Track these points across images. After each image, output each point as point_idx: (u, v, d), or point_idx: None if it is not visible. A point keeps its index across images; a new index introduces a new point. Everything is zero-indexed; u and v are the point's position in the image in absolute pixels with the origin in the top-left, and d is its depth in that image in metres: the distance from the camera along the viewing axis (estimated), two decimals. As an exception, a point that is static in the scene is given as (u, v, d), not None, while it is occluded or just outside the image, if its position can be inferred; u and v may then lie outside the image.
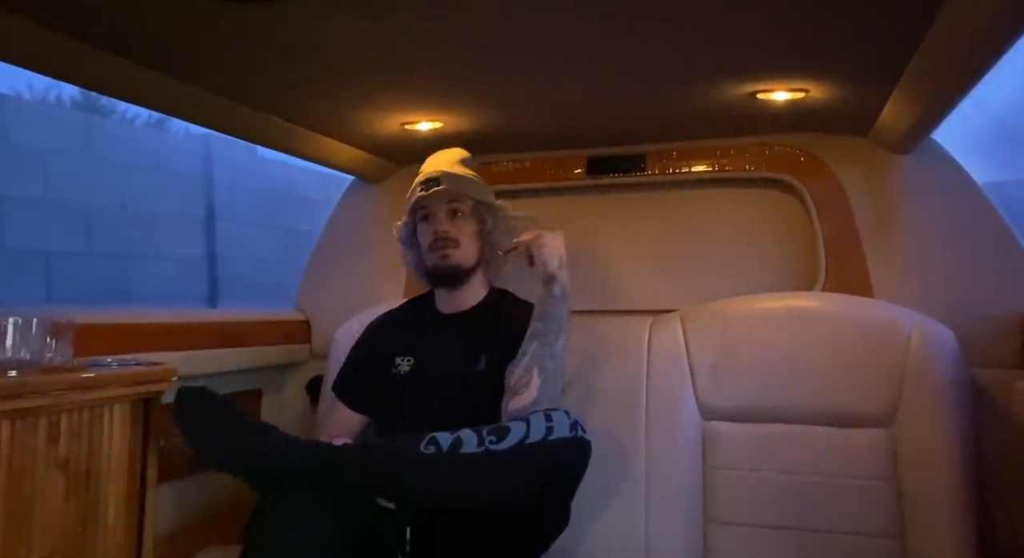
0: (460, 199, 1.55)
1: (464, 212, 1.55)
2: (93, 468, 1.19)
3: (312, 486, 1.19)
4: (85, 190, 4.54)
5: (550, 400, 1.34)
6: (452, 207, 1.55)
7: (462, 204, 1.55)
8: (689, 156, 1.95)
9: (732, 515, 1.55)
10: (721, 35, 1.26)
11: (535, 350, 1.36)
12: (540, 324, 1.39)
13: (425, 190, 1.53)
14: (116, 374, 1.23)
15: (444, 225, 1.54)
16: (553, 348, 1.37)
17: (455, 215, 1.55)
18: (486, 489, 1.19)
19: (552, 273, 1.42)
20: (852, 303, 1.64)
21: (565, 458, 1.23)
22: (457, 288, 1.58)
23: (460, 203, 1.55)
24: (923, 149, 1.72)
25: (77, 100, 7.78)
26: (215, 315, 2.01)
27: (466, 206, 1.55)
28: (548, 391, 1.35)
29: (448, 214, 1.55)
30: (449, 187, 1.53)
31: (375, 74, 1.46)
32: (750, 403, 1.58)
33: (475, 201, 1.56)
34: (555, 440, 1.20)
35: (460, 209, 1.55)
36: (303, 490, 1.19)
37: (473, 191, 1.57)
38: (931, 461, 1.44)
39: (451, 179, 1.54)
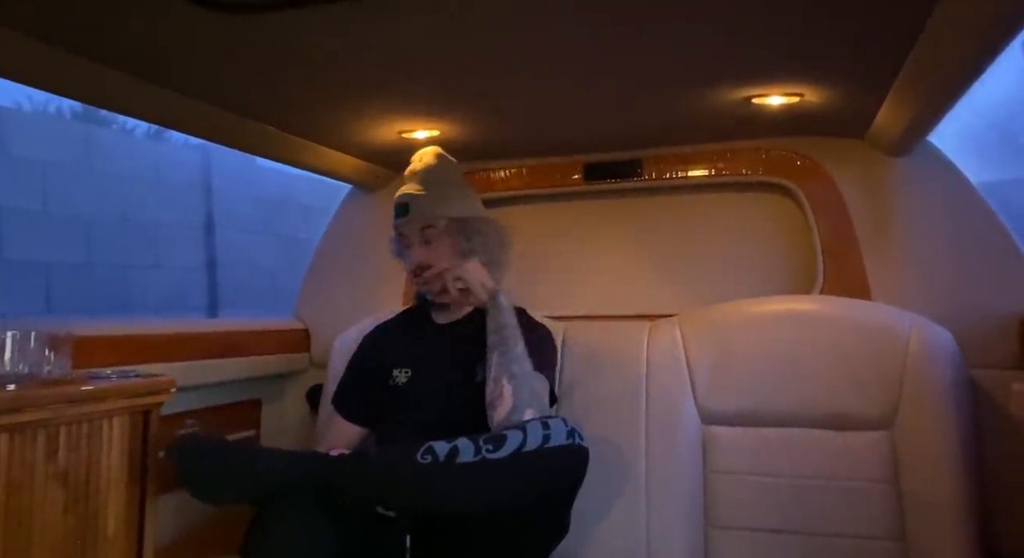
0: (431, 223, 1.51)
1: (438, 235, 1.51)
2: (92, 480, 1.19)
3: (310, 497, 1.19)
4: (85, 201, 4.55)
5: (531, 400, 1.33)
6: (424, 234, 1.51)
7: (435, 227, 1.51)
8: (686, 161, 1.96)
9: (733, 519, 1.55)
10: (715, 41, 1.26)
11: (497, 360, 1.37)
12: (495, 336, 1.39)
13: (397, 217, 1.53)
14: (115, 386, 1.23)
15: (420, 255, 1.51)
16: (514, 353, 1.37)
17: (429, 242, 1.51)
18: (483, 498, 1.18)
19: (488, 294, 1.43)
20: (850, 306, 1.64)
21: (562, 465, 1.23)
22: (445, 306, 1.58)
23: (432, 227, 1.51)
24: (919, 151, 1.73)
25: (77, 111, 7.79)
26: (214, 325, 2.01)
27: (439, 227, 1.51)
28: (524, 394, 1.33)
29: (422, 241, 1.51)
30: (415, 216, 1.50)
31: (371, 84, 1.47)
32: (749, 407, 1.58)
33: (450, 219, 1.52)
34: (552, 448, 1.20)
35: (433, 234, 1.51)
36: (301, 501, 1.20)
37: (444, 209, 1.51)
38: (931, 463, 1.44)
39: (418, 203, 1.50)
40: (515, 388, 1.33)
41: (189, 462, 1.23)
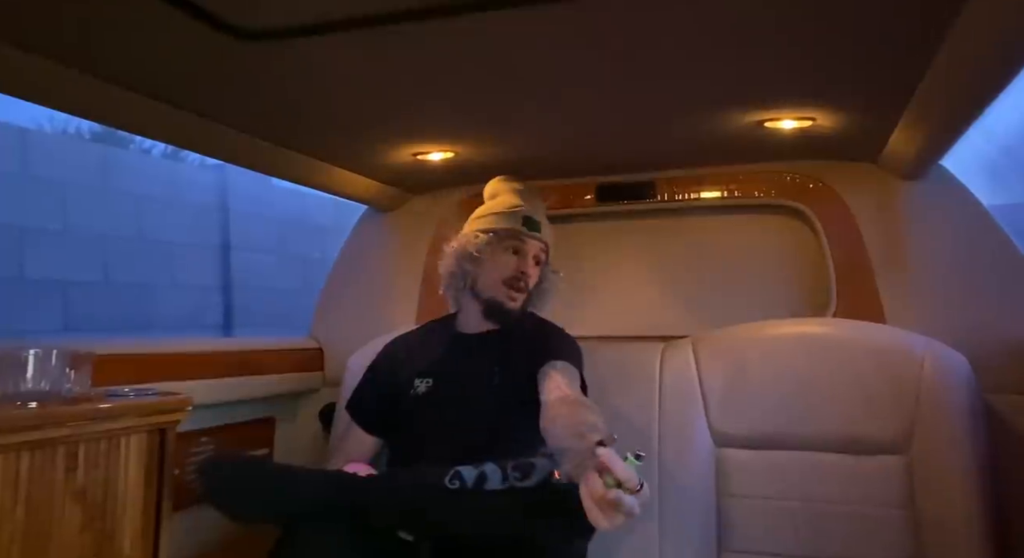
0: (545, 249, 1.63)
1: (541, 263, 1.63)
2: (110, 498, 1.20)
3: (338, 518, 1.20)
4: (103, 220, 4.61)
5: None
6: (538, 256, 1.61)
7: (543, 254, 1.62)
8: (698, 183, 1.97)
9: (747, 543, 1.54)
10: (728, 66, 1.28)
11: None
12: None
13: (527, 228, 1.59)
14: (133, 404, 1.25)
15: (526, 267, 1.58)
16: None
17: (537, 263, 1.61)
18: (508, 526, 1.18)
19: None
20: (864, 329, 1.64)
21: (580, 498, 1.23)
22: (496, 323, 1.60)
23: (544, 254, 1.63)
24: (932, 175, 1.73)
25: (96, 132, 7.93)
26: (230, 344, 2.03)
27: (544, 256, 1.63)
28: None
29: (534, 260, 1.60)
30: (541, 234, 1.61)
31: (387, 107, 1.49)
32: (763, 430, 1.58)
33: (547, 251, 1.64)
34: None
35: (541, 259, 1.62)
36: (328, 522, 1.20)
37: (550, 240, 1.65)
38: (948, 488, 1.42)
39: (544, 227, 1.63)
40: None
41: (220, 481, 1.24)
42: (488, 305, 1.59)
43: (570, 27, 1.12)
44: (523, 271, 1.57)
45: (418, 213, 2.20)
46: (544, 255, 1.62)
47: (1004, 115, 1.51)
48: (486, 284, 1.58)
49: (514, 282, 1.56)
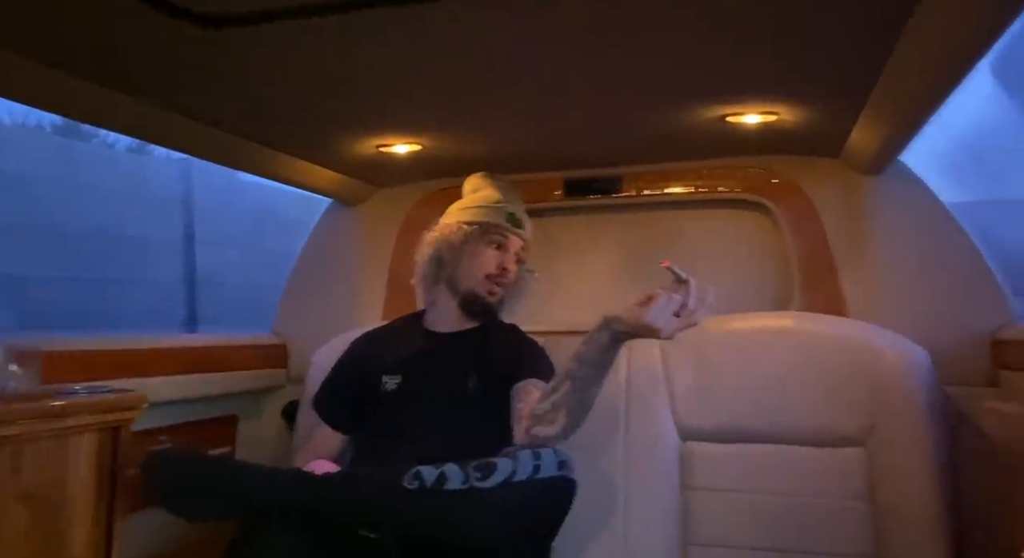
0: (527, 247, 1.64)
1: (522, 260, 1.63)
2: (58, 499, 1.17)
3: (294, 517, 1.18)
4: (64, 215, 4.51)
5: (566, 438, 1.32)
6: (520, 253, 1.62)
7: (525, 253, 1.63)
8: (665, 178, 1.97)
9: (711, 536, 1.54)
10: (691, 60, 1.28)
11: (568, 392, 1.30)
12: (586, 370, 1.30)
13: (512, 224, 1.60)
14: (83, 402, 1.21)
15: (509, 263, 1.59)
16: (586, 395, 1.31)
17: (519, 260, 1.62)
18: (468, 526, 1.17)
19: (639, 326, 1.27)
20: (827, 323, 1.66)
21: (550, 498, 1.22)
22: (472, 318, 1.58)
23: (525, 252, 1.63)
24: (892, 170, 1.75)
25: (58, 125, 7.75)
26: (189, 340, 1.99)
27: (525, 253, 1.64)
28: (568, 432, 1.33)
29: (516, 256, 1.61)
30: (524, 232, 1.62)
31: (349, 97, 1.47)
32: (727, 423, 1.59)
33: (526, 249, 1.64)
34: (541, 479, 1.19)
35: (523, 257, 1.63)
36: (285, 521, 1.18)
37: (530, 239, 1.65)
38: (906, 480, 1.44)
39: (529, 230, 1.64)
40: (567, 424, 1.31)
41: (169, 477, 1.21)
42: (466, 298, 1.57)
43: (534, 21, 1.11)
44: (505, 267, 1.57)
45: (384, 207, 2.17)
46: (524, 256, 1.64)
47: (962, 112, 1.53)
48: (466, 277, 1.57)
49: (496, 278, 1.56)
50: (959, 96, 1.27)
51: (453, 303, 1.59)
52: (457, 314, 1.59)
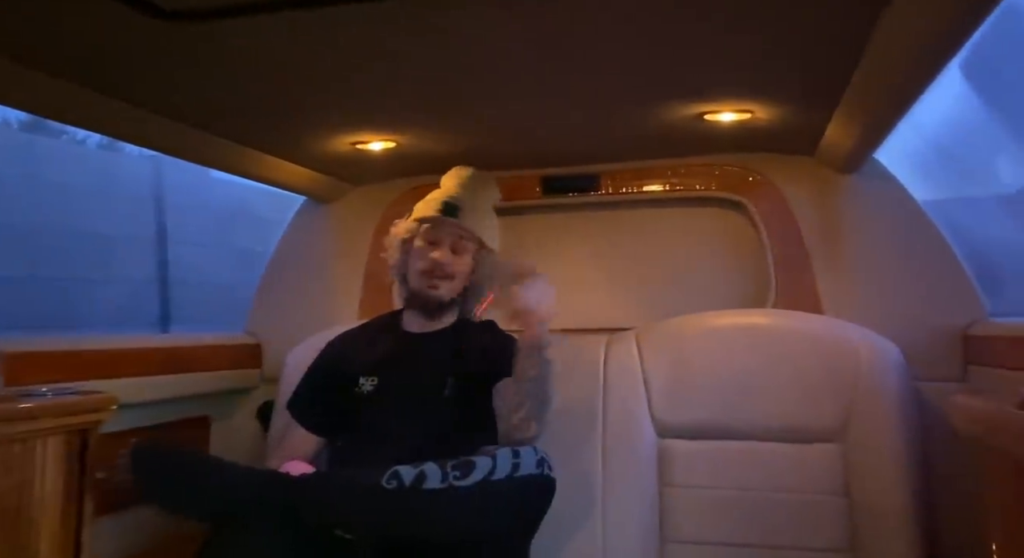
0: (468, 237, 1.53)
1: (464, 250, 1.53)
2: (24, 505, 1.14)
3: (267, 517, 1.16)
4: (31, 213, 4.40)
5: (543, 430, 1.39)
6: (457, 244, 1.53)
7: (466, 242, 1.53)
8: (642, 176, 1.97)
9: (688, 533, 1.55)
10: (667, 58, 1.28)
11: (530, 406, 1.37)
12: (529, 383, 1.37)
13: (441, 213, 1.51)
14: (50, 404, 1.19)
15: (446, 257, 1.52)
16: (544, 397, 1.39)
17: (457, 252, 1.53)
18: (447, 525, 1.16)
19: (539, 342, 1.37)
20: (802, 319, 1.67)
21: (529, 496, 1.22)
22: (430, 316, 1.56)
23: (468, 240, 1.53)
24: (866, 169, 1.77)
25: (24, 121, 7.56)
26: (160, 340, 1.95)
27: (468, 244, 1.53)
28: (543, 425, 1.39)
29: (452, 247, 1.53)
30: (463, 221, 1.52)
31: (323, 94, 1.45)
32: (704, 420, 1.59)
33: (481, 243, 1.55)
34: (520, 477, 1.19)
35: (461, 247, 1.53)
36: (259, 521, 1.16)
37: (484, 235, 1.55)
38: (880, 475, 1.46)
39: (471, 215, 1.53)
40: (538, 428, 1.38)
41: (149, 470, 1.20)
42: (411, 297, 1.57)
43: (511, 18, 1.11)
44: (437, 261, 1.51)
45: (360, 205, 2.15)
46: (470, 243, 1.54)
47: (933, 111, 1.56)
48: (411, 275, 1.55)
49: (430, 272, 1.52)
50: (930, 96, 1.29)
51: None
52: (420, 317, 1.57)
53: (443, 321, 1.57)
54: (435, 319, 1.56)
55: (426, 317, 1.56)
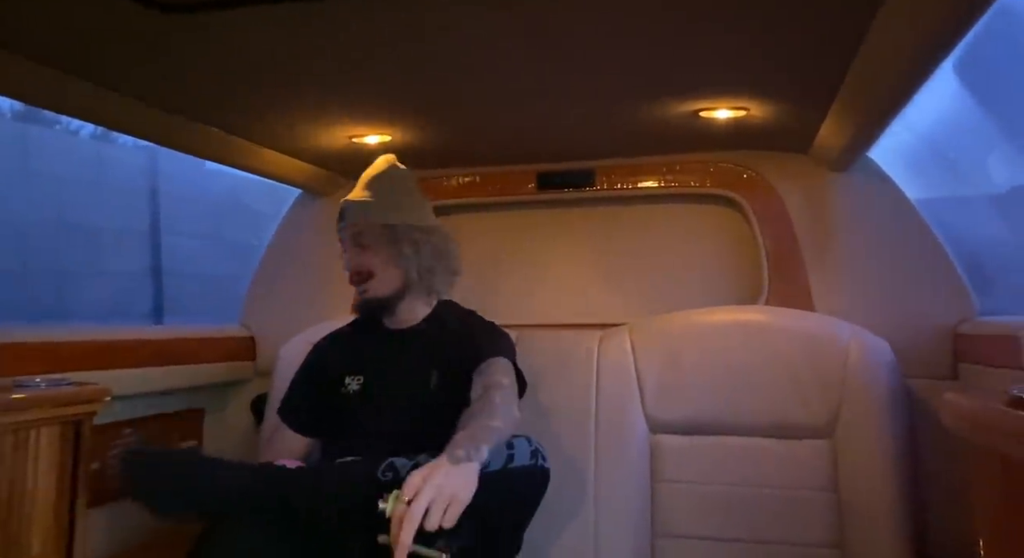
0: (365, 229, 1.49)
1: (372, 241, 1.49)
2: (17, 496, 1.14)
3: (261, 511, 1.17)
4: (22, 204, 4.37)
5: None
6: (358, 240, 1.50)
7: (368, 234, 1.49)
8: (637, 172, 1.98)
9: (680, 528, 1.56)
10: (663, 55, 1.28)
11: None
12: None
13: (340, 217, 1.52)
14: (43, 395, 1.18)
15: (354, 258, 1.50)
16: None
17: (364, 247, 1.50)
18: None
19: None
20: (793, 316, 1.68)
21: (523, 487, 1.23)
22: (391, 313, 1.55)
23: (365, 234, 1.49)
24: (859, 167, 1.78)
25: (18, 111, 7.51)
26: (154, 332, 1.95)
27: (373, 234, 1.49)
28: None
29: (356, 245, 1.50)
30: (349, 220, 1.50)
31: (319, 87, 1.44)
32: (696, 416, 1.60)
33: (384, 226, 1.49)
34: (515, 468, 1.19)
35: (365, 240, 1.49)
36: (251, 515, 1.17)
37: (380, 216, 1.49)
38: (869, 471, 1.47)
39: (355, 209, 1.50)
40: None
41: (140, 471, 1.19)
42: (359, 309, 1.56)
43: (507, 13, 1.11)
44: (351, 268, 1.51)
45: (355, 199, 2.14)
46: (371, 234, 1.49)
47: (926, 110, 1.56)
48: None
49: (351, 279, 1.51)
50: (924, 95, 1.30)
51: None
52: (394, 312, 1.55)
53: (418, 312, 1.55)
54: (406, 311, 1.54)
55: (388, 316, 1.55)
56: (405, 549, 0.97)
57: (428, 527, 0.99)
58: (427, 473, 1.03)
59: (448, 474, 1.04)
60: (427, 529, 0.99)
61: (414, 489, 1.01)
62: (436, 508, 1.00)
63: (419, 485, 1.01)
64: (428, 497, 1.00)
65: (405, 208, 1.53)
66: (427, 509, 1.00)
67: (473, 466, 1.08)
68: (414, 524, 0.98)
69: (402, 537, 0.97)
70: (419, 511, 0.99)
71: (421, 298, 1.56)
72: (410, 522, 0.98)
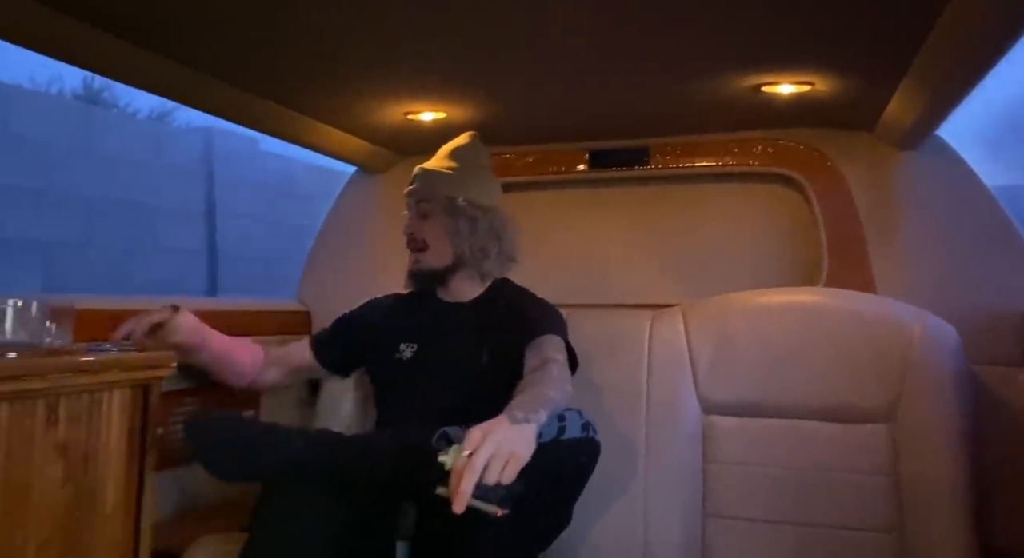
0: (428, 198, 1.53)
1: (433, 212, 1.52)
2: (92, 453, 1.18)
3: (319, 477, 1.20)
4: (85, 182, 4.53)
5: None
6: (420, 208, 1.54)
7: (430, 204, 1.52)
8: (693, 150, 1.95)
9: (731, 509, 1.55)
10: (727, 26, 1.25)
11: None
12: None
13: (410, 182, 1.57)
14: (116, 358, 1.23)
15: (412, 227, 1.54)
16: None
17: (425, 216, 1.53)
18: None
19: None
20: (854, 298, 1.64)
21: (575, 459, 1.23)
22: (444, 286, 1.56)
23: (428, 203, 1.53)
24: (928, 145, 1.72)
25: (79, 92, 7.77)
26: (216, 304, 2.01)
27: (435, 206, 1.52)
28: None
29: (418, 215, 1.54)
30: (417, 187, 1.54)
31: (377, 62, 1.45)
32: (750, 397, 1.58)
33: (447, 198, 1.52)
34: (566, 440, 1.19)
35: (427, 210, 1.53)
36: (310, 481, 1.20)
37: (445, 188, 1.52)
38: (932, 457, 1.43)
39: (425, 178, 1.55)
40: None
41: (204, 439, 1.23)
42: (410, 280, 1.59)
43: None
44: (406, 231, 1.55)
45: (409, 176, 2.15)
46: (434, 205, 1.52)
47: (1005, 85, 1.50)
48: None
49: (408, 245, 1.55)
50: (1002, 68, 1.24)
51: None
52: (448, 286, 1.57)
53: (470, 290, 1.57)
54: (459, 287, 1.57)
55: (442, 288, 1.57)
56: (465, 498, 0.97)
57: (487, 481, 0.99)
58: (488, 429, 1.03)
59: (508, 431, 1.04)
60: (485, 483, 0.99)
61: (475, 443, 1.01)
62: (496, 463, 1.00)
63: (480, 440, 1.01)
64: (489, 451, 1.00)
65: (471, 185, 1.54)
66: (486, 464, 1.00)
67: (532, 427, 1.08)
68: (475, 475, 0.98)
69: (463, 487, 0.97)
70: (481, 463, 0.99)
71: (473, 277, 1.57)
72: (471, 473, 0.98)
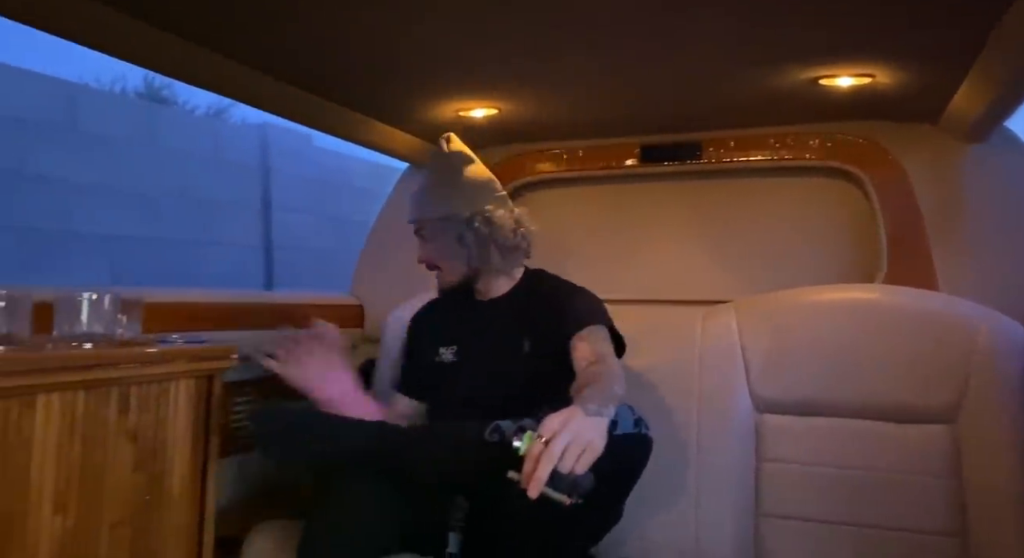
0: (420, 224, 1.57)
1: (429, 235, 1.56)
2: (160, 440, 1.24)
3: (375, 467, 1.23)
4: (148, 177, 4.70)
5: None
6: (420, 233, 1.58)
7: (425, 227, 1.56)
8: (747, 144, 1.91)
9: (784, 509, 1.53)
10: (782, 15, 1.22)
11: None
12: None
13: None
14: (182, 349, 1.28)
15: (420, 251, 1.58)
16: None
17: (425, 240, 1.57)
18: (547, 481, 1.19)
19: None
20: (915, 296, 1.59)
21: (627, 454, 1.22)
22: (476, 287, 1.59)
23: (424, 227, 1.57)
24: (996, 137, 1.66)
25: (141, 91, 8.05)
26: (273, 297, 2.06)
27: (427, 230, 1.56)
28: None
29: (420, 238, 1.58)
30: (409, 214, 1.58)
31: (430, 60, 1.47)
32: (805, 396, 1.55)
33: (431, 221, 1.54)
34: (619, 435, 1.19)
35: (425, 233, 1.57)
36: (365, 471, 1.24)
37: (426, 211, 1.55)
38: (997, 459, 1.39)
39: (411, 204, 1.59)
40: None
41: (266, 427, 1.29)
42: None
43: None
44: (419, 259, 1.58)
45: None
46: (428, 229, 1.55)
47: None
48: None
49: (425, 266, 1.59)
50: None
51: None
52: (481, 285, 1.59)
53: (503, 284, 1.58)
54: (492, 284, 1.58)
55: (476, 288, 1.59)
56: (540, 483, 0.98)
57: (562, 469, 0.99)
58: (565, 417, 1.04)
59: (583, 422, 1.05)
60: (560, 471, 0.99)
61: (552, 430, 1.01)
62: (572, 452, 1.00)
63: (557, 427, 1.02)
64: (566, 440, 1.00)
65: (454, 198, 1.54)
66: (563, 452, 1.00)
67: (604, 421, 1.09)
68: (552, 461, 0.98)
69: (539, 472, 0.98)
70: (558, 450, 0.99)
71: (498, 277, 1.58)
72: (548, 459, 0.98)
